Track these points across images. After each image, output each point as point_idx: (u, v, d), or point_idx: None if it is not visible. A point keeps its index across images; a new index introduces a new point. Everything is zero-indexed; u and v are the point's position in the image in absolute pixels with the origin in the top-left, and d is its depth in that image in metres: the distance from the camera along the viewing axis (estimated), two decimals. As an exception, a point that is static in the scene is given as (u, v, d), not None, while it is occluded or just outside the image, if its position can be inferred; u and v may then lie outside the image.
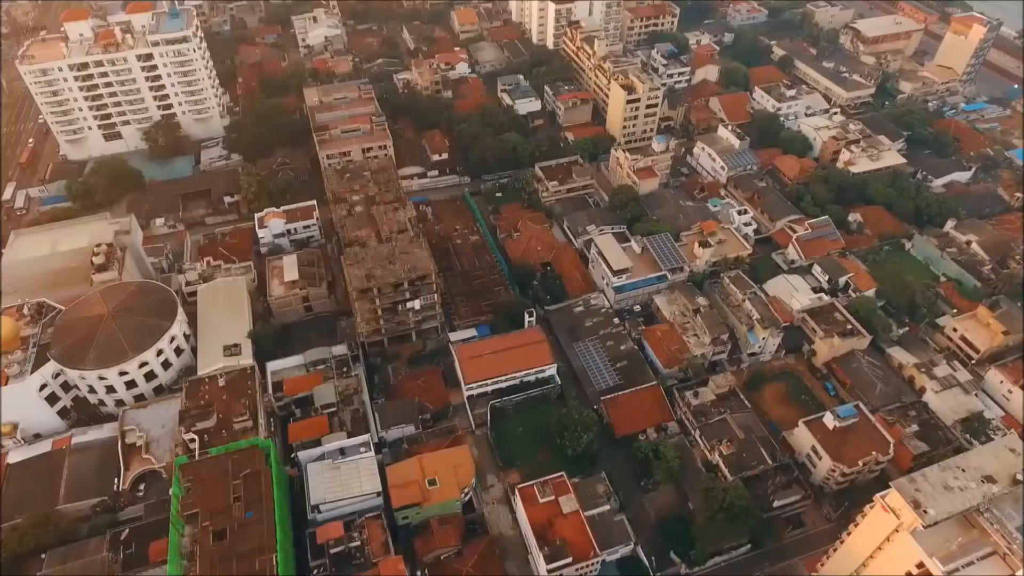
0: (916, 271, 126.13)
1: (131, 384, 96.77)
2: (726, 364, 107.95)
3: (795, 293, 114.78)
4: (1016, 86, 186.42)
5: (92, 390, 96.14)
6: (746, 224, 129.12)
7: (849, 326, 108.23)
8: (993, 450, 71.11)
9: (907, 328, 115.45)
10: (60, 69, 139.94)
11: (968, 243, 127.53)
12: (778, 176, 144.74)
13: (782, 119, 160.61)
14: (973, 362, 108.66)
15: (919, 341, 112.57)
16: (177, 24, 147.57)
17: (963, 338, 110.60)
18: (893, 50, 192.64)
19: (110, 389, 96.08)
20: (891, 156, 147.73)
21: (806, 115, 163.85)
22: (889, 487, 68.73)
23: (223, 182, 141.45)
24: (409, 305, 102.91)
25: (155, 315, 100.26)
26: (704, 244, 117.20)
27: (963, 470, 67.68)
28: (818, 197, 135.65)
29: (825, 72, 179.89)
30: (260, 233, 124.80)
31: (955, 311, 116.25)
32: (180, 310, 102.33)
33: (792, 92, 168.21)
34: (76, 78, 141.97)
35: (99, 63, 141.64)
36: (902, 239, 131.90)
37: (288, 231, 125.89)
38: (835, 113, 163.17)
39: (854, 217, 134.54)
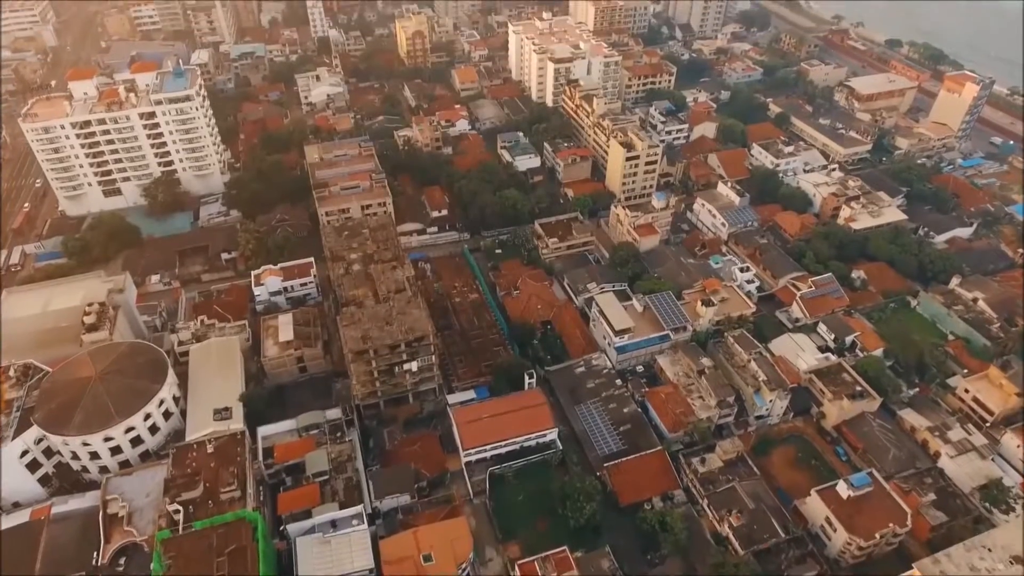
0: (923, 329, 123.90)
1: (116, 450, 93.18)
2: (733, 428, 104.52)
3: (801, 353, 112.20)
4: (1012, 142, 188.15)
5: (75, 456, 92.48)
6: (748, 281, 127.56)
7: (858, 387, 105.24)
8: (1020, 526, 67.43)
9: (917, 389, 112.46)
10: (62, 127, 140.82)
11: (975, 300, 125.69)
12: (779, 232, 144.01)
13: (781, 175, 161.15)
14: (988, 425, 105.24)
15: (931, 403, 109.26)
16: (181, 83, 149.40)
17: (976, 399, 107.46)
18: (888, 107, 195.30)
19: (94, 455, 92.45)
20: (892, 212, 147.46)
21: (804, 171, 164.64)
22: (911, 566, 64.94)
23: (221, 238, 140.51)
24: (406, 367, 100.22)
25: (144, 377, 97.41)
26: (707, 303, 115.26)
27: (989, 549, 64.07)
28: (820, 254, 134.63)
29: (821, 129, 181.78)
30: (256, 291, 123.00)
31: (966, 371, 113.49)
32: (171, 371, 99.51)
33: (790, 148, 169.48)
34: (78, 135, 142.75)
35: (101, 121, 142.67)
36: (907, 296, 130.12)
37: (285, 289, 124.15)
38: (833, 169, 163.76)
39: (857, 274, 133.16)
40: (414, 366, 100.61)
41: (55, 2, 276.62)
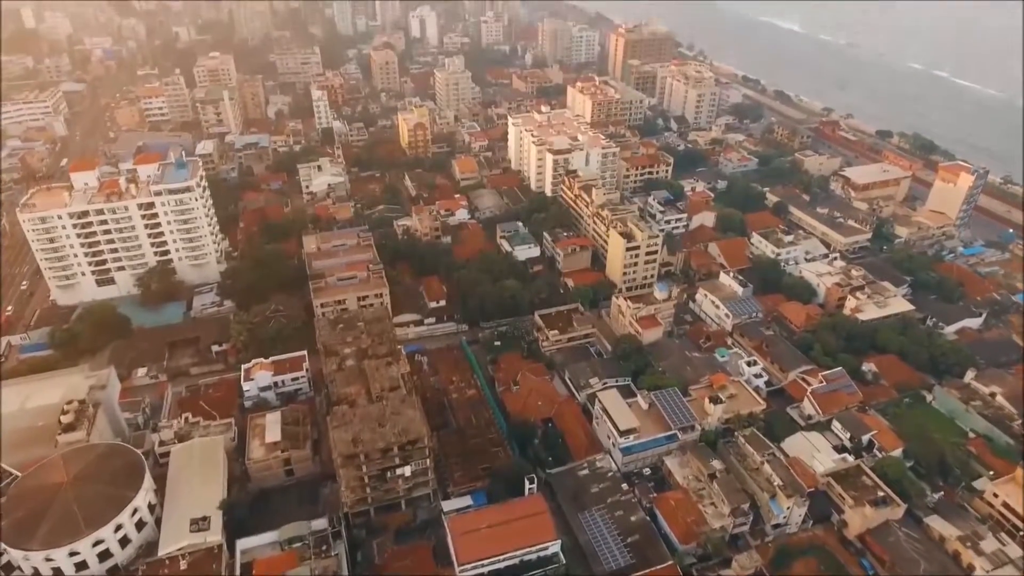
0: (941, 426, 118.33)
1: (82, 565, 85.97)
2: (748, 538, 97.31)
3: (816, 454, 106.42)
4: (1011, 230, 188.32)
5: (37, 573, 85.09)
6: (756, 376, 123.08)
7: (880, 493, 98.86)
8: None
9: (942, 493, 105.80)
10: (59, 217, 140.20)
11: (992, 395, 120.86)
12: (784, 324, 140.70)
13: (782, 265, 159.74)
14: (1022, 534, 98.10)
15: (958, 508, 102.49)
16: (183, 174, 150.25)
17: (1005, 505, 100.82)
18: (884, 196, 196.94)
19: (57, 572, 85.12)
20: (898, 303, 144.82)
21: (806, 260, 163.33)
22: None
23: (213, 330, 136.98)
24: (399, 471, 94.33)
25: (119, 483, 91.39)
26: (715, 400, 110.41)
27: None
28: (828, 346, 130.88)
29: (820, 217, 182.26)
30: (246, 386, 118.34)
31: (991, 473, 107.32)
32: (148, 477, 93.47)
33: (790, 237, 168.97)
34: (75, 225, 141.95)
35: (100, 211, 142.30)
36: (922, 391, 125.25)
37: (275, 383, 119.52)
38: (835, 258, 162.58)
39: (868, 367, 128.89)
40: (407, 471, 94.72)
41: (69, 95, 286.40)
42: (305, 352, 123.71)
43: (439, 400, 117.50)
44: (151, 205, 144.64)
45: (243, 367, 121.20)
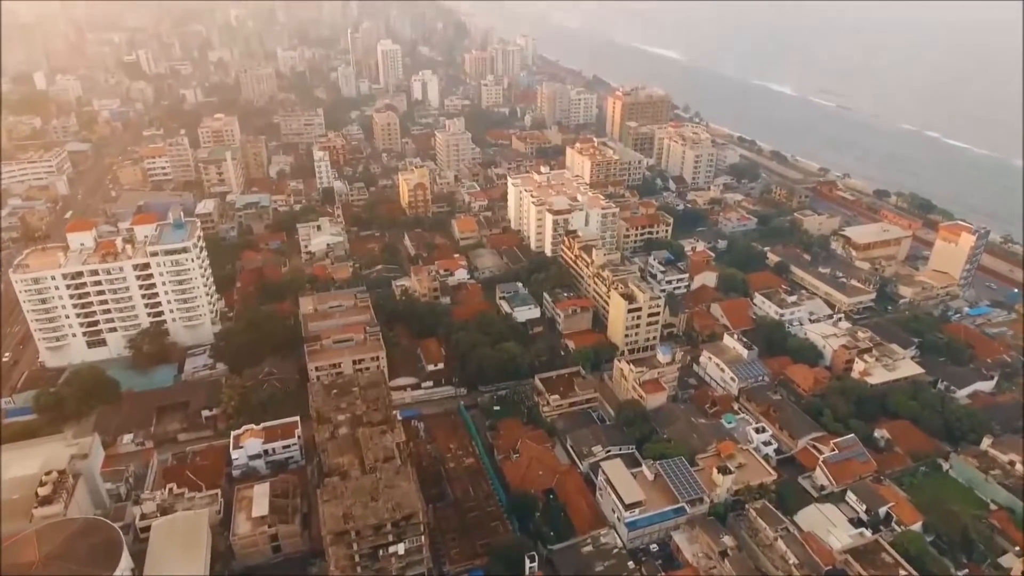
0: (960, 496, 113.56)
1: (49, 655, 79.71)
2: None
3: (832, 528, 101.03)
4: (1016, 290, 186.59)
5: (-2, 665, 78.89)
6: (765, 443, 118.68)
7: (902, 572, 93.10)
8: None
9: (966, 571, 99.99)
10: (53, 278, 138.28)
11: (1011, 464, 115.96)
12: (792, 388, 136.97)
13: (787, 326, 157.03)
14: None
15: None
16: (181, 234, 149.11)
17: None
18: (885, 256, 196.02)
19: (20, 664, 78.88)
20: (907, 365, 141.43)
21: (810, 321, 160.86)
22: None
23: (203, 394, 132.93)
24: (392, 549, 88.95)
25: (95, 562, 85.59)
26: (724, 471, 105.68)
27: None
28: (838, 411, 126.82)
29: (822, 277, 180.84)
30: (234, 454, 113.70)
31: (1016, 548, 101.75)
32: (125, 555, 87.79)
33: (793, 298, 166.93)
34: (68, 286, 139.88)
35: (94, 272, 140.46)
36: (938, 459, 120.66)
37: (266, 451, 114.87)
38: (840, 319, 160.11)
39: (880, 433, 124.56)
40: (401, 548, 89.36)
41: (73, 154, 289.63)
42: (297, 418, 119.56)
43: (435, 469, 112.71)
44: (147, 266, 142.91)
45: (233, 434, 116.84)
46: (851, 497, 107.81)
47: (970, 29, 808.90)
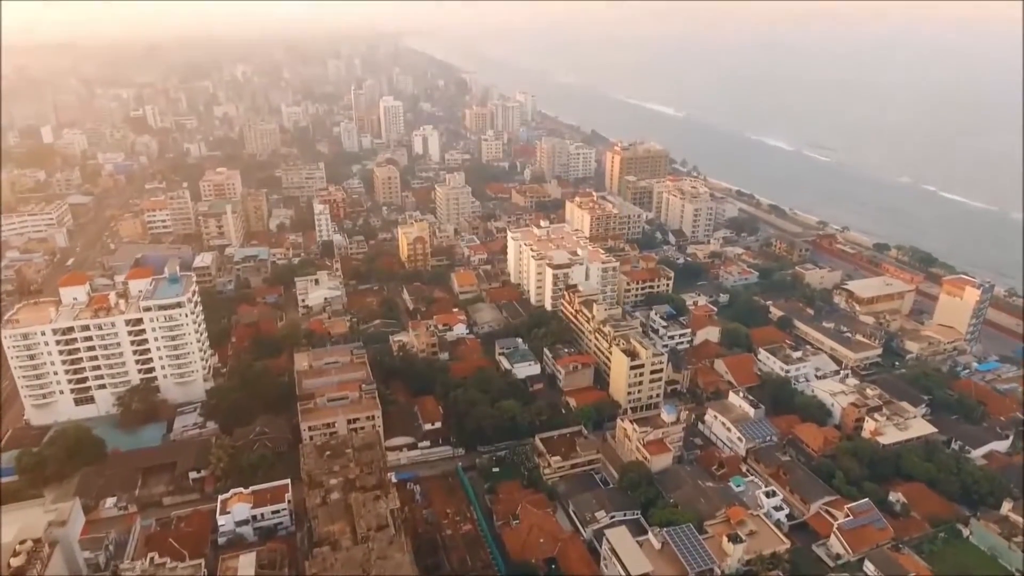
0: (983, 564, 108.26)
1: None
2: None
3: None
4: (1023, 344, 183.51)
5: None
6: (776, 508, 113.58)
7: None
8: None
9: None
10: (43, 333, 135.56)
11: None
12: (801, 448, 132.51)
13: (793, 382, 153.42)
14: None
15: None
16: (175, 289, 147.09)
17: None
18: (889, 310, 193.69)
19: None
20: (919, 424, 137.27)
21: (816, 377, 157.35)
22: None
23: (192, 454, 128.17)
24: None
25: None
26: (734, 539, 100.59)
27: None
28: (850, 473, 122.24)
29: (827, 332, 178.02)
30: (221, 520, 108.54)
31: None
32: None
33: (798, 354, 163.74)
34: (58, 342, 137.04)
35: (85, 327, 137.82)
36: (957, 525, 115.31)
37: (254, 517, 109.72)
38: (847, 375, 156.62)
39: (896, 497, 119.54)
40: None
41: (75, 207, 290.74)
42: (288, 481, 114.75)
43: (431, 537, 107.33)
44: (139, 321, 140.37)
45: (220, 498, 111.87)
46: (869, 567, 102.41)
47: (962, 87, 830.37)
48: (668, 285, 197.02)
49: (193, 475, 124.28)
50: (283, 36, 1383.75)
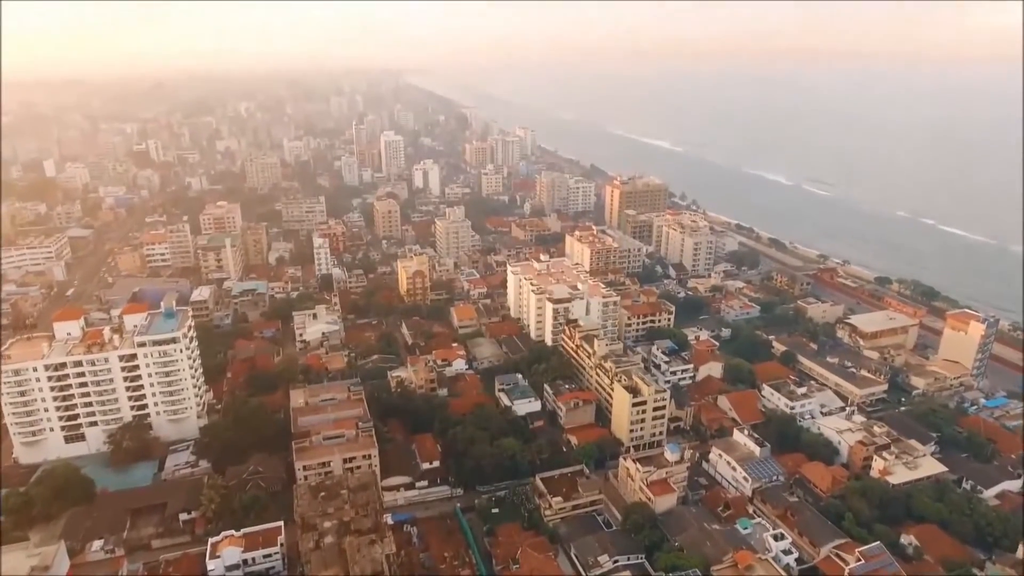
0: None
1: None
2: None
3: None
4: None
5: None
6: (785, 552, 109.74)
7: None
8: None
9: None
10: (34, 369, 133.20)
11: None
12: (809, 487, 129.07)
13: (798, 419, 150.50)
14: None
15: None
16: (171, 324, 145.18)
17: None
18: (893, 344, 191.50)
19: None
20: (929, 463, 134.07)
21: (822, 414, 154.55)
22: None
23: (183, 495, 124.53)
24: None
25: None
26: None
27: None
28: (860, 514, 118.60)
29: (831, 368, 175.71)
30: (210, 564, 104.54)
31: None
32: None
33: (803, 390, 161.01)
34: (50, 378, 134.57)
35: (78, 363, 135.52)
36: (972, 569, 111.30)
37: (245, 561, 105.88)
38: (853, 412, 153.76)
39: (908, 539, 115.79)
40: None
41: (74, 240, 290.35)
42: (281, 523, 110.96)
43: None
44: (133, 357, 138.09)
45: (211, 541, 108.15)
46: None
47: (955, 122, 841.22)
48: (669, 319, 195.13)
49: (184, 516, 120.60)
50: (288, 73, 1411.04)
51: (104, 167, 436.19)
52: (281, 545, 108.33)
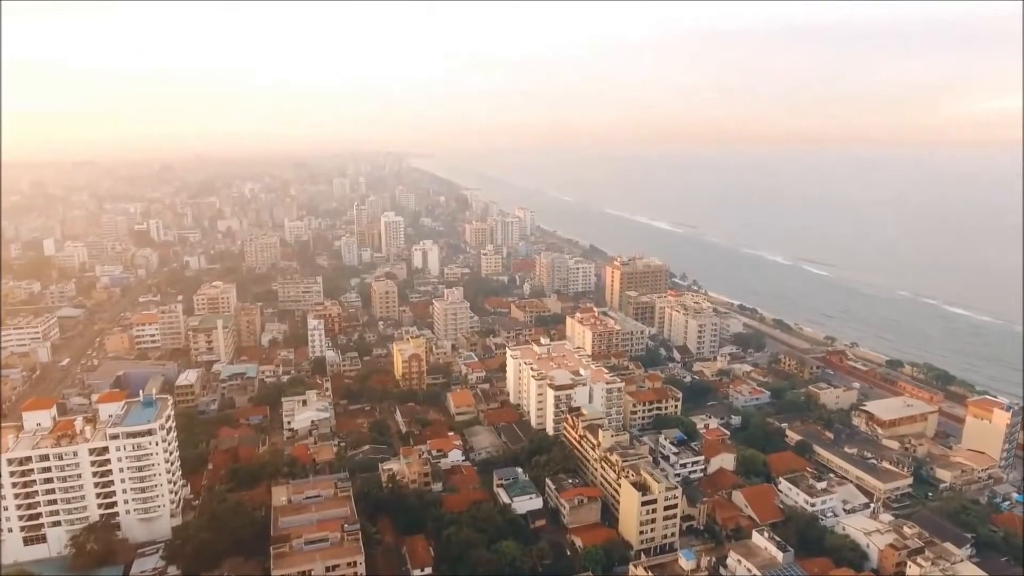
0: None
1: None
2: None
3: None
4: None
5: None
6: None
7: None
8: None
9: None
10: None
11: None
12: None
13: (820, 518, 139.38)
14: None
15: None
16: (148, 414, 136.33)
17: None
18: (913, 433, 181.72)
19: None
20: (968, 569, 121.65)
21: (845, 511, 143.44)
22: None
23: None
24: None
25: None
26: None
27: None
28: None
29: (850, 459, 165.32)
30: None
31: None
32: None
33: (823, 484, 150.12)
34: (12, 474, 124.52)
35: (44, 457, 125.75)
36: None
37: None
38: (878, 509, 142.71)
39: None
40: None
41: (64, 320, 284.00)
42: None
43: None
44: (104, 450, 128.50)
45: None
46: None
47: (948, 203, 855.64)
48: (676, 406, 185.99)
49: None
50: (295, 155, 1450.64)
51: (103, 246, 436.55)
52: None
